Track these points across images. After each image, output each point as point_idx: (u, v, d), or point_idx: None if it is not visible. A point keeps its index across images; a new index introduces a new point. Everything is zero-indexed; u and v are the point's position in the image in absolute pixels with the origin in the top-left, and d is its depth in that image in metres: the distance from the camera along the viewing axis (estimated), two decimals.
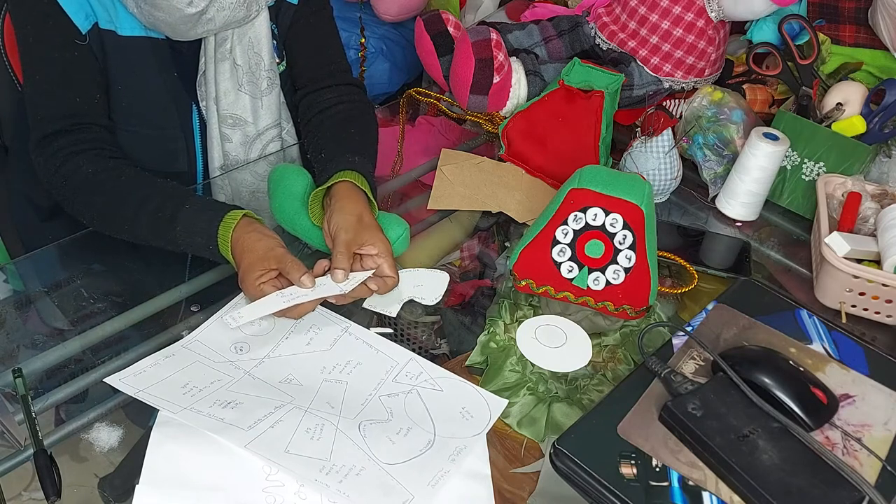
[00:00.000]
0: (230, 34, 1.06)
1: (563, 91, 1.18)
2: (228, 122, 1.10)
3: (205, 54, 1.07)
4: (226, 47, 1.06)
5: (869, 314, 0.99)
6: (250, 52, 1.09)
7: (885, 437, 0.76)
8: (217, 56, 1.07)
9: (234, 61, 1.08)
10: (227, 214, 0.91)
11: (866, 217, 1.05)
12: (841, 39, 1.30)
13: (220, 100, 1.08)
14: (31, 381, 0.81)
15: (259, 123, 1.13)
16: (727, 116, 1.19)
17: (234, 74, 1.08)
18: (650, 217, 0.91)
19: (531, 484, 0.76)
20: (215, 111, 1.09)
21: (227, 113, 1.10)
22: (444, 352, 0.91)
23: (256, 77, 1.10)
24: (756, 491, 0.68)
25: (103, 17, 0.99)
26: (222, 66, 1.07)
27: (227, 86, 1.08)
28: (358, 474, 0.72)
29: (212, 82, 1.08)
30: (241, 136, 1.12)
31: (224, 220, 0.90)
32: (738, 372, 0.78)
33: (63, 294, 0.95)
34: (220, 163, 1.13)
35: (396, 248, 0.96)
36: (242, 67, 1.08)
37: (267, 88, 1.12)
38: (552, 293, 0.94)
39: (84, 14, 0.98)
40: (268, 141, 1.15)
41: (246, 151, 1.13)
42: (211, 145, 1.11)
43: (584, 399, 0.85)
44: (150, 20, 0.99)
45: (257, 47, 1.09)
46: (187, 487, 0.70)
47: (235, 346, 0.86)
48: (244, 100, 1.10)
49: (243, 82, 1.09)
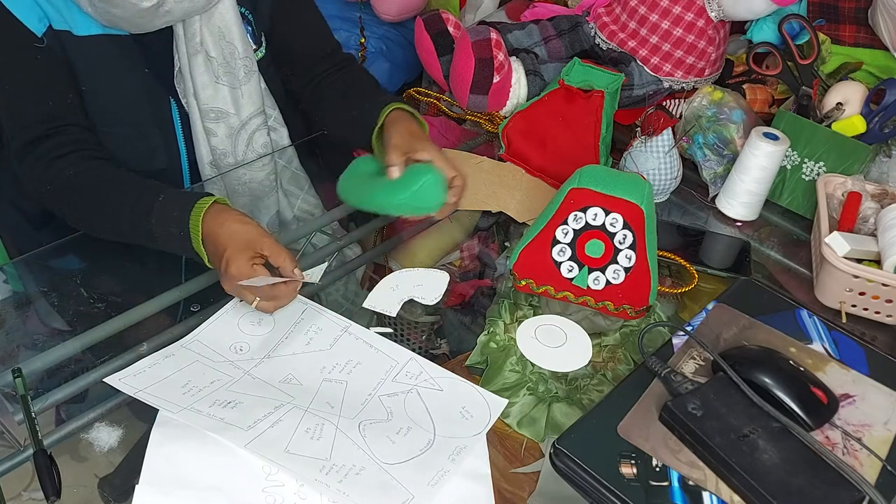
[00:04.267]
0: (198, 27, 1.05)
1: (563, 91, 1.18)
2: (211, 115, 1.09)
3: (177, 50, 1.06)
4: (196, 40, 1.05)
5: (869, 314, 0.99)
6: (222, 43, 1.07)
7: (885, 437, 0.76)
8: (189, 50, 1.05)
9: (206, 54, 1.06)
10: (198, 201, 0.90)
11: (866, 217, 1.05)
12: (841, 39, 1.30)
13: (199, 94, 1.07)
14: (31, 381, 0.81)
15: (242, 113, 1.11)
16: (727, 116, 1.19)
17: (210, 67, 1.07)
18: (650, 217, 0.91)
19: (531, 484, 0.76)
20: (196, 106, 1.08)
21: (209, 107, 1.08)
22: (444, 352, 0.91)
23: (232, 67, 1.08)
24: (756, 491, 0.68)
25: (56, 19, 0.97)
26: (196, 61, 1.06)
27: (203, 80, 1.07)
28: (358, 474, 0.72)
29: (188, 78, 1.06)
30: (226, 129, 1.11)
31: (195, 207, 0.89)
32: (738, 372, 0.78)
33: (63, 294, 0.95)
34: (208, 158, 1.12)
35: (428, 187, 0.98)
36: (216, 59, 1.07)
37: (245, 77, 1.10)
38: (552, 293, 0.94)
39: (36, 17, 0.96)
40: (253, 130, 1.14)
41: (233, 143, 1.12)
42: (197, 141, 1.10)
43: (584, 399, 0.84)
44: (106, 17, 0.97)
45: (228, 36, 1.07)
46: (187, 487, 0.70)
47: (235, 345, 0.86)
48: (223, 92, 1.08)
49: (220, 74, 1.08)
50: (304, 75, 1.20)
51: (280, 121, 1.19)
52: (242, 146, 1.14)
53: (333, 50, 1.22)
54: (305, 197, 1.20)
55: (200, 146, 1.11)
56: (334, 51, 1.22)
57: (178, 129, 1.10)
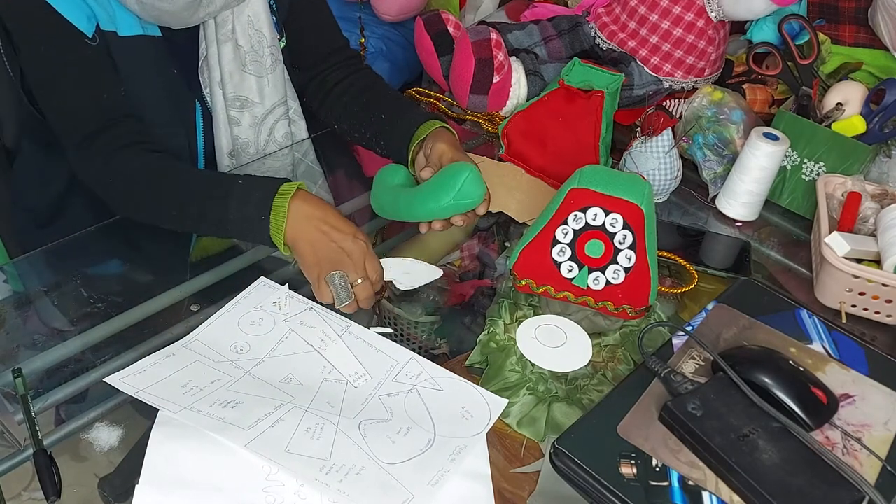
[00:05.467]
0: (230, 15, 1.06)
1: (563, 91, 1.18)
2: (236, 104, 1.10)
3: (205, 39, 1.07)
4: (227, 28, 1.06)
5: (869, 314, 0.99)
6: (251, 31, 1.08)
7: (885, 437, 0.76)
8: (219, 38, 1.06)
9: (235, 42, 1.07)
10: (282, 185, 0.91)
11: (866, 217, 1.05)
12: (841, 39, 1.30)
13: (226, 83, 1.08)
14: (31, 381, 0.81)
15: (266, 102, 1.12)
16: (727, 116, 1.19)
17: (238, 55, 1.08)
18: (650, 217, 0.91)
19: (531, 484, 0.76)
20: (221, 95, 1.09)
21: (234, 95, 1.09)
22: (444, 352, 0.91)
23: (260, 55, 1.10)
24: (756, 491, 0.68)
25: (104, 19, 0.99)
26: (225, 49, 1.07)
27: (231, 68, 1.08)
28: (358, 474, 0.72)
29: (215, 66, 1.07)
30: (250, 118, 1.12)
31: (280, 190, 0.91)
32: (738, 372, 0.78)
33: (63, 294, 0.95)
34: (229, 148, 1.12)
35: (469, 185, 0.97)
36: (244, 48, 1.08)
37: (271, 66, 1.11)
38: (552, 293, 0.94)
39: (86, 17, 0.97)
40: (275, 120, 1.15)
41: (255, 133, 1.13)
42: (218, 131, 1.11)
43: (584, 399, 0.85)
44: (152, 13, 0.98)
45: (258, 24, 1.08)
46: (187, 487, 0.70)
47: (235, 345, 0.86)
48: (250, 80, 1.10)
49: (247, 62, 1.09)
50: (310, 69, 1.21)
51: (299, 112, 1.20)
52: (265, 136, 1.15)
53: (342, 47, 1.23)
54: (318, 191, 1.20)
55: (221, 136, 1.11)
56: (343, 48, 1.23)
57: (200, 128, 1.11)
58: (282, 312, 0.90)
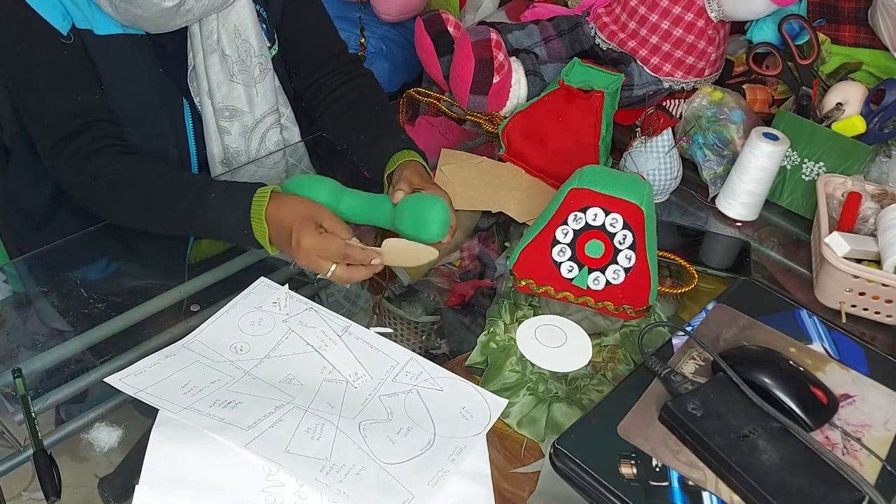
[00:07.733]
0: (215, 25, 1.05)
1: (563, 91, 1.18)
2: (225, 114, 1.09)
3: (192, 48, 1.06)
4: (212, 39, 1.05)
5: (869, 314, 0.99)
6: (238, 41, 1.07)
7: (885, 437, 0.76)
8: (205, 48, 1.05)
9: (222, 52, 1.06)
10: (259, 189, 0.91)
11: (866, 217, 1.05)
12: (841, 39, 1.30)
13: (214, 93, 1.08)
14: (31, 381, 0.81)
15: (256, 112, 1.12)
16: (727, 116, 1.19)
17: (225, 65, 1.07)
18: (650, 217, 0.91)
19: (531, 484, 0.76)
20: (210, 105, 1.08)
21: (223, 105, 1.09)
22: (444, 352, 0.91)
23: (248, 65, 1.09)
24: (756, 491, 0.68)
25: (79, 17, 0.98)
26: (211, 59, 1.06)
27: (218, 78, 1.07)
28: (358, 474, 0.72)
29: (203, 76, 1.07)
30: (240, 127, 1.11)
31: (257, 194, 0.91)
32: (738, 372, 0.78)
33: (63, 294, 0.95)
34: (220, 157, 1.12)
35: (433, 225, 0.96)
36: (231, 57, 1.07)
37: (260, 75, 1.10)
38: (552, 293, 0.94)
39: (60, 15, 0.96)
40: (266, 128, 1.14)
41: (246, 142, 1.13)
42: (209, 139, 1.11)
43: (584, 399, 0.85)
44: (126, 17, 0.97)
45: (244, 34, 1.07)
46: (187, 487, 0.70)
47: (235, 345, 0.86)
48: (238, 90, 1.09)
49: (235, 72, 1.08)
50: (308, 75, 1.20)
51: (292, 119, 1.19)
52: (255, 145, 1.14)
53: (340, 51, 1.22)
54: None
55: (213, 145, 1.11)
56: (341, 52, 1.22)
57: (190, 129, 1.10)
58: (282, 313, 0.90)
